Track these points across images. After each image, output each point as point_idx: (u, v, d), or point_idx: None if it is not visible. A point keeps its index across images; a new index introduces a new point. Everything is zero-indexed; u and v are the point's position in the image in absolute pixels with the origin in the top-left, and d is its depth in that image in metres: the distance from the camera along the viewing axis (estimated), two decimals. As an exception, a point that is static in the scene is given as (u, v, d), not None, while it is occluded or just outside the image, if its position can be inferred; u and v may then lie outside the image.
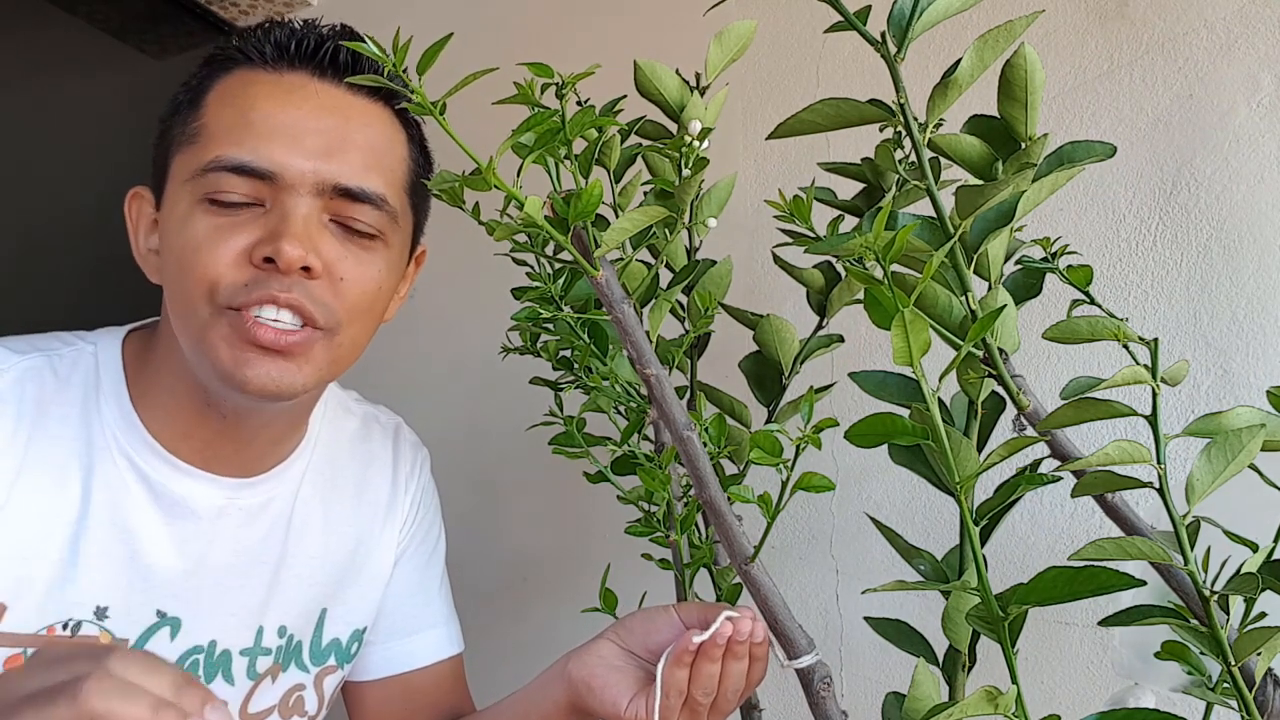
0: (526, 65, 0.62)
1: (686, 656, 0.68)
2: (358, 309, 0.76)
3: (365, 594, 0.91)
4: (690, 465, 0.67)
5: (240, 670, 0.83)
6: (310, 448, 0.89)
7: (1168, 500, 0.59)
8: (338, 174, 0.74)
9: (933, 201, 0.65)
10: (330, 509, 0.90)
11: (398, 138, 0.80)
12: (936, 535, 1.06)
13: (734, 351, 0.91)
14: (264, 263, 0.71)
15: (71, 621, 0.75)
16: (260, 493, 0.84)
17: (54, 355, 0.79)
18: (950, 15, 0.63)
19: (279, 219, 0.72)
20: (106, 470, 0.77)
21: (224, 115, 0.75)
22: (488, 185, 0.62)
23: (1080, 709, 0.95)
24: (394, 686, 0.94)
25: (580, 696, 0.75)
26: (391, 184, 0.78)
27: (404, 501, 0.95)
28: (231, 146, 0.73)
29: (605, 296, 0.67)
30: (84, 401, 0.78)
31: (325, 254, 0.74)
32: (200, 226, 0.73)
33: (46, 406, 0.77)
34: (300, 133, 0.74)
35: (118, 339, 0.82)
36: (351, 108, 0.77)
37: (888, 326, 0.55)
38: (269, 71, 0.76)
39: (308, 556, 0.87)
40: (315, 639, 0.88)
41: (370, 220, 0.76)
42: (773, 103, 1.22)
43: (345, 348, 0.77)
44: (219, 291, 0.72)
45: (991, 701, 0.58)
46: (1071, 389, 0.65)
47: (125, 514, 0.77)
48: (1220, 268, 0.95)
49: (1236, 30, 0.96)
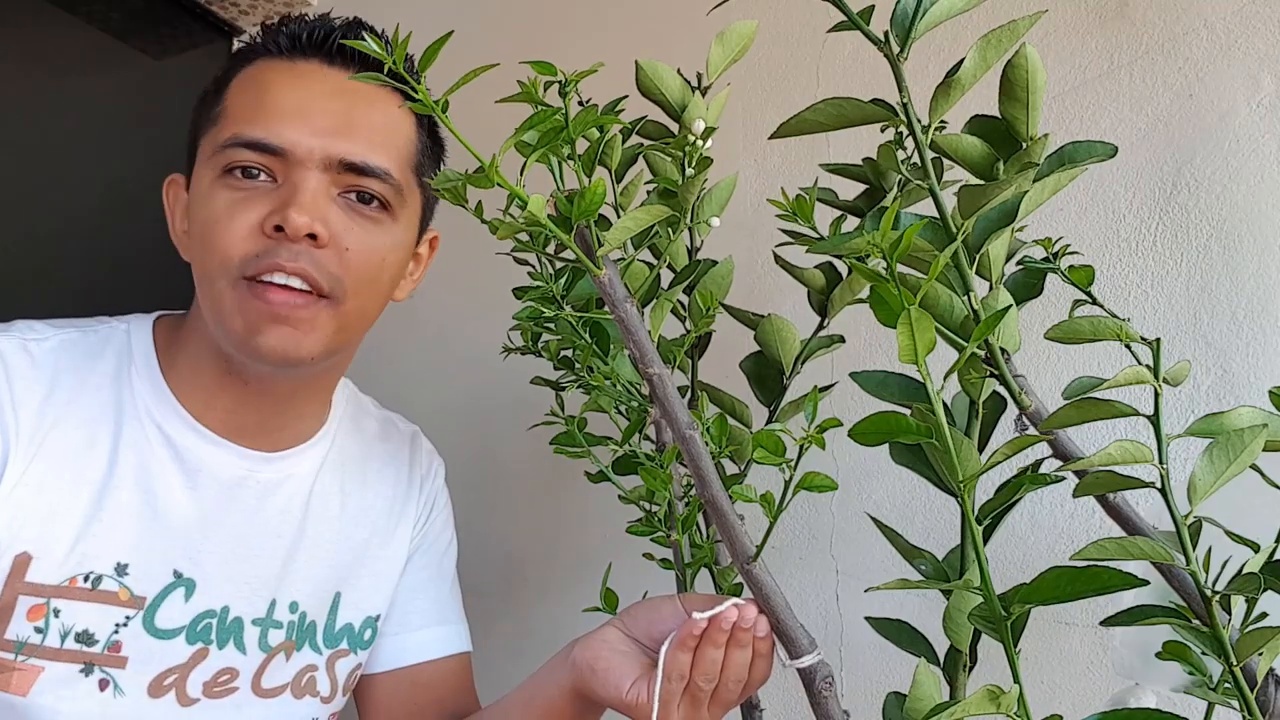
0: (530, 64, 0.62)
1: (690, 640, 0.68)
2: (363, 279, 0.80)
3: (378, 583, 0.94)
4: (693, 465, 0.67)
5: (252, 640, 0.86)
6: (330, 438, 0.93)
7: (1170, 500, 0.59)
8: (344, 150, 0.79)
9: (936, 201, 0.65)
10: (347, 498, 0.93)
11: (405, 119, 0.84)
12: (937, 535, 1.06)
13: (735, 351, 0.91)
14: (274, 231, 0.76)
15: (93, 575, 0.79)
16: (279, 469, 0.88)
17: (89, 331, 0.85)
18: (953, 15, 0.63)
19: (289, 191, 0.78)
20: (134, 433, 0.82)
21: (242, 99, 0.81)
22: (491, 183, 0.62)
23: (1081, 709, 0.95)
24: (401, 678, 0.95)
25: (584, 680, 0.75)
26: (397, 161, 0.82)
27: (417, 501, 0.98)
28: (247, 125, 0.79)
29: (608, 295, 0.67)
30: (116, 371, 0.84)
31: (332, 224, 0.78)
32: (219, 201, 0.78)
33: (82, 374, 0.82)
34: (310, 113, 0.79)
35: (148, 322, 0.88)
36: (359, 92, 0.81)
37: (893, 325, 0.56)
38: (284, 61, 0.82)
39: (323, 539, 0.91)
40: (330, 621, 0.91)
41: (376, 190, 0.80)
42: (773, 103, 1.22)
43: (352, 316, 0.81)
44: (233, 262, 0.77)
45: (994, 701, 0.58)
46: (1074, 389, 0.65)
47: (150, 475, 0.82)
48: (1220, 268, 0.95)
49: (1236, 30, 0.96)
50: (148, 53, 1.58)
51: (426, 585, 0.97)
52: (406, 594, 0.96)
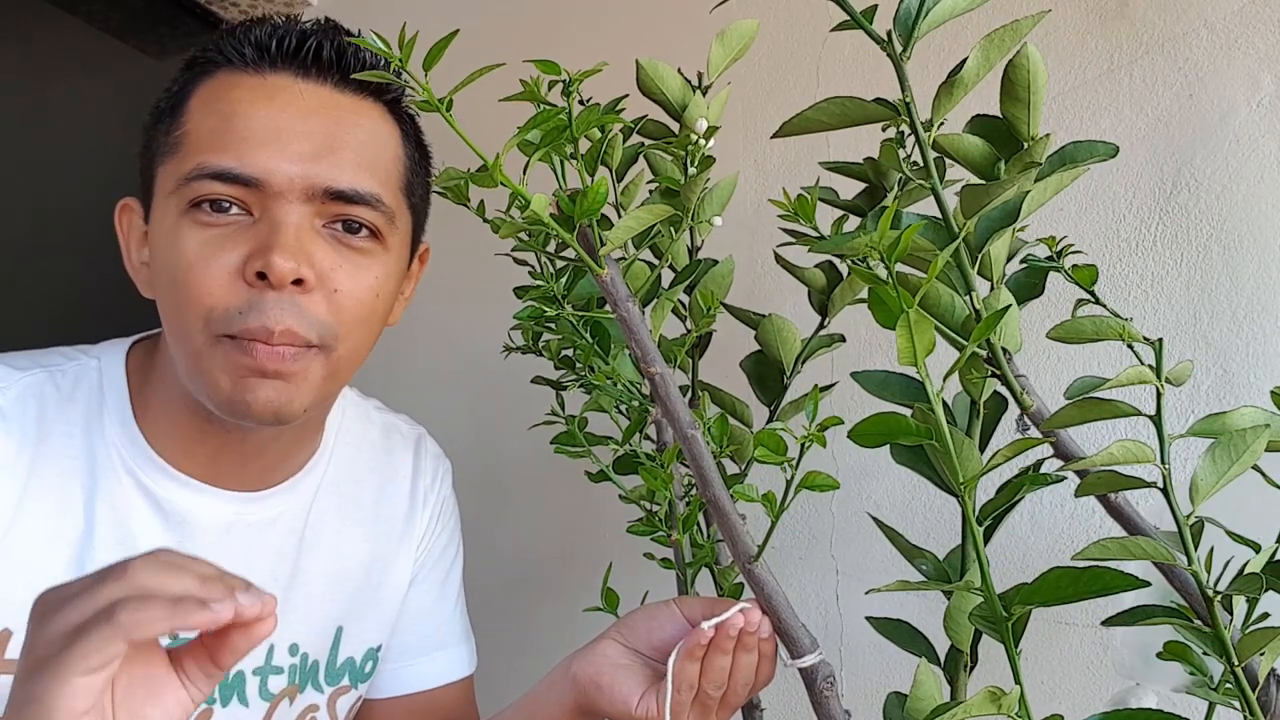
0: (534, 62, 0.62)
1: (698, 650, 0.67)
2: (355, 321, 0.73)
3: (381, 613, 0.90)
4: (694, 464, 0.67)
5: (254, 691, 0.81)
6: (326, 460, 0.87)
7: (1171, 500, 0.59)
8: (328, 176, 0.71)
9: (938, 201, 0.65)
10: (346, 524, 0.88)
11: (391, 135, 0.77)
12: (938, 535, 1.06)
13: (735, 351, 0.91)
14: (256, 279, 0.69)
15: None
16: (270, 507, 0.82)
17: (56, 371, 0.77)
18: (957, 14, 0.63)
19: (269, 230, 0.69)
20: (111, 488, 0.75)
21: (206, 121, 0.72)
22: (493, 182, 0.62)
23: (1082, 709, 0.95)
24: (400, 705, 0.92)
25: (588, 697, 0.73)
26: (386, 183, 0.75)
27: (422, 516, 0.93)
28: (214, 153, 0.70)
29: (610, 295, 0.67)
30: (87, 418, 0.76)
31: (319, 264, 0.71)
32: (189, 242, 0.70)
33: (49, 424, 0.75)
34: (286, 136, 0.71)
35: (122, 352, 0.80)
36: (340, 107, 0.74)
37: (892, 326, 0.56)
38: (251, 74, 0.73)
39: (321, 573, 0.85)
40: (331, 658, 0.86)
41: (366, 219, 0.73)
42: (774, 102, 1.22)
43: (344, 360, 0.74)
44: (214, 318, 0.69)
45: (995, 701, 0.58)
46: (1075, 389, 0.65)
47: (131, 532, 0.75)
48: (1220, 268, 0.95)
49: (1236, 30, 0.96)
50: (148, 53, 1.58)
51: (430, 610, 0.93)
52: (409, 619, 0.92)
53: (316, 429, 0.86)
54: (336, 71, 0.74)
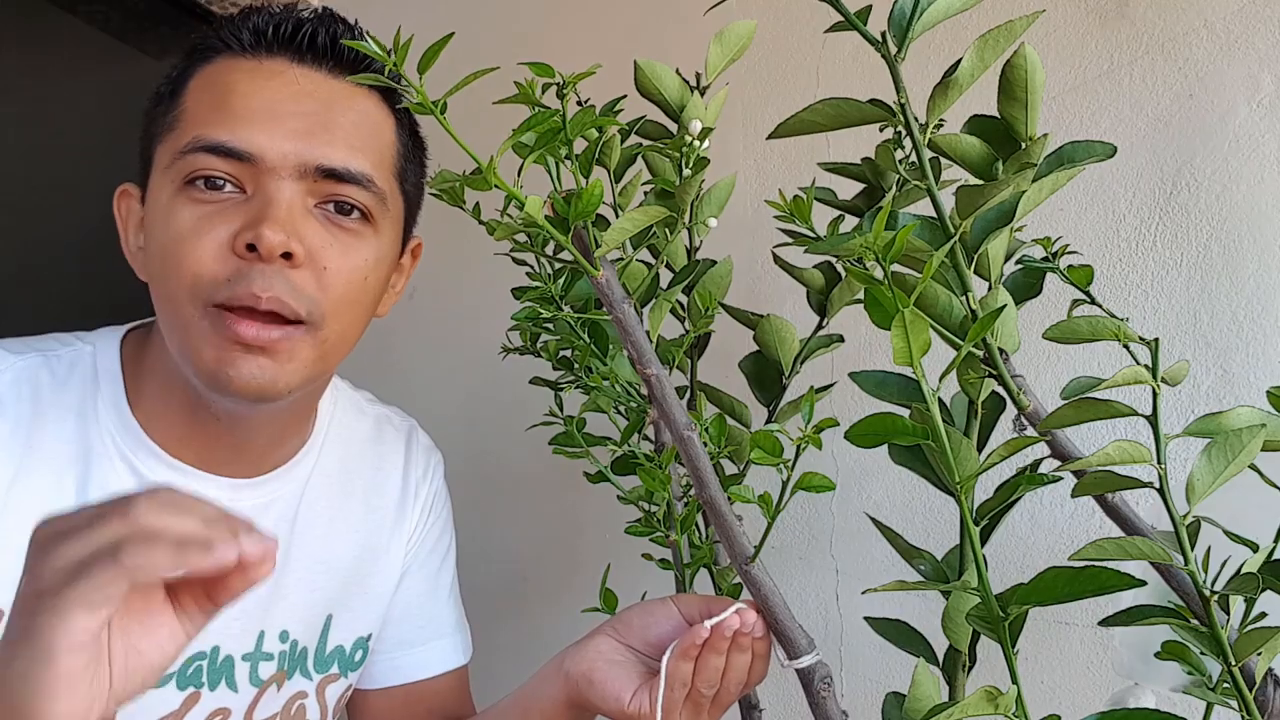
0: (528, 65, 0.62)
1: (693, 649, 0.67)
2: (344, 300, 0.74)
3: (371, 602, 0.90)
4: (691, 465, 0.67)
5: (243, 677, 0.82)
6: (318, 448, 0.87)
7: (1168, 500, 0.59)
8: (321, 155, 0.72)
9: (933, 201, 0.65)
10: (337, 512, 0.88)
11: (385, 121, 0.78)
12: (937, 535, 1.06)
13: (734, 351, 0.91)
14: (246, 250, 0.69)
15: None
16: (263, 493, 0.82)
17: (51, 356, 0.78)
18: (951, 15, 0.63)
19: (261, 204, 0.70)
20: (104, 473, 0.76)
21: (203, 100, 0.73)
22: (489, 185, 0.62)
23: (1080, 709, 0.95)
24: (397, 695, 0.93)
25: (580, 692, 0.74)
26: (379, 166, 0.76)
27: (414, 508, 0.93)
28: (210, 127, 0.71)
29: (606, 296, 0.67)
30: (80, 403, 0.77)
31: (309, 241, 0.72)
32: (183, 216, 0.71)
33: (43, 409, 0.75)
34: (281, 114, 0.72)
35: (116, 339, 0.81)
36: (334, 92, 0.75)
37: (888, 327, 0.56)
38: (248, 58, 0.74)
39: (313, 560, 0.86)
40: (320, 645, 0.87)
41: (358, 200, 0.74)
42: (772, 103, 1.22)
43: (331, 342, 0.74)
44: (202, 286, 0.70)
45: (992, 701, 0.58)
46: (1072, 389, 0.65)
47: None
48: (1220, 268, 0.95)
49: (1236, 30, 0.96)
50: (148, 53, 1.58)
51: (424, 599, 0.94)
52: (402, 610, 0.92)
53: (307, 416, 0.86)
54: (331, 58, 0.75)
